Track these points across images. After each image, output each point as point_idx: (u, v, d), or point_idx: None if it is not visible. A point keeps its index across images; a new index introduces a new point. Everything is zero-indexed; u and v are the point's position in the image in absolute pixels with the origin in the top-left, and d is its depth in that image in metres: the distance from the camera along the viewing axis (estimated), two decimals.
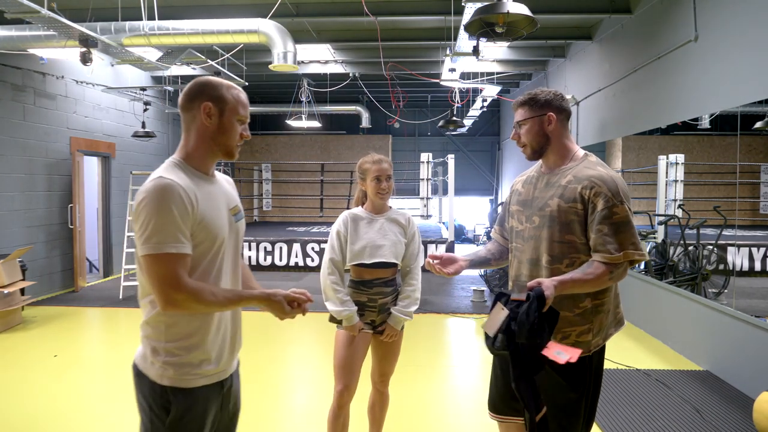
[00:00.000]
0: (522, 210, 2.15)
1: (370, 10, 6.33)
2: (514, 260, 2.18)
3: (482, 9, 4.10)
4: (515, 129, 2.13)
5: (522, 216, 2.14)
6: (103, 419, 3.74)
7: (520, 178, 2.28)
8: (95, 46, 5.59)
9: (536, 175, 2.17)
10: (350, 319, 2.65)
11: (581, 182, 1.97)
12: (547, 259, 2.01)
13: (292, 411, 4.10)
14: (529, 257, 2.08)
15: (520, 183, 2.25)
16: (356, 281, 2.74)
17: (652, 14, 5.99)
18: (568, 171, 2.04)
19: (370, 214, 2.75)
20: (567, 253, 1.99)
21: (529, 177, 2.22)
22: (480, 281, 8.29)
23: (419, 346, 5.50)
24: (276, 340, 5.78)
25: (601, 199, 1.92)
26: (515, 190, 2.25)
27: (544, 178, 2.12)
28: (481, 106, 11.49)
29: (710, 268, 5.44)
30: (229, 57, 7.88)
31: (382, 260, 2.69)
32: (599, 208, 1.92)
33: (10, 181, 7.20)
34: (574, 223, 1.97)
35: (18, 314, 6.13)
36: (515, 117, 2.13)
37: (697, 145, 6.38)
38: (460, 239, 15.54)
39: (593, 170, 1.99)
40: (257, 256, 9.84)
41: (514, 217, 2.19)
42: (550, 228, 2.00)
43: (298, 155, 15.74)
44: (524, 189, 2.19)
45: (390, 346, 2.83)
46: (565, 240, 1.98)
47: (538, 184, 2.12)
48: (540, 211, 2.05)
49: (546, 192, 2.06)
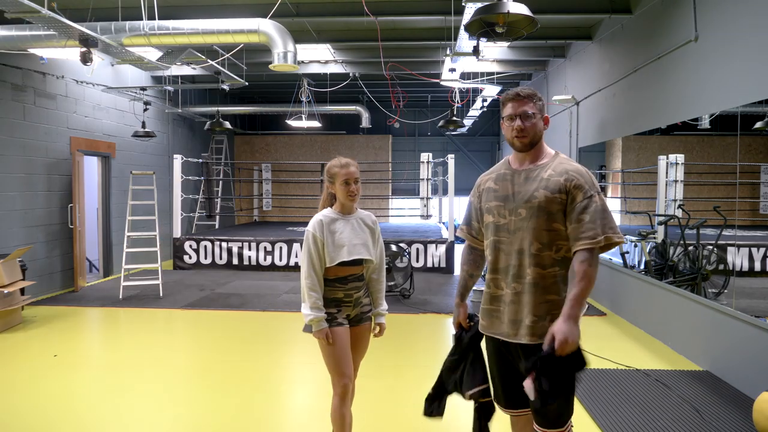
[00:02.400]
0: (503, 205, 2.24)
1: (370, 10, 6.33)
2: (499, 253, 2.25)
3: (482, 9, 4.10)
4: (518, 120, 2.19)
5: (504, 210, 2.24)
6: (103, 419, 3.74)
7: (488, 176, 2.38)
8: (95, 46, 5.60)
9: (509, 173, 2.29)
10: (319, 323, 2.72)
11: (562, 175, 2.15)
12: (536, 247, 2.15)
13: (292, 411, 4.10)
14: (518, 248, 2.18)
15: (491, 181, 2.34)
16: (332, 279, 2.80)
17: (652, 14, 5.99)
18: (546, 166, 2.21)
19: (341, 215, 2.84)
20: (554, 240, 2.15)
21: (501, 174, 2.31)
22: (479, 281, 8.29)
23: (419, 346, 5.50)
24: (276, 340, 5.78)
25: (580, 191, 2.11)
26: (488, 188, 2.33)
27: (522, 174, 2.24)
28: (481, 106, 11.49)
29: (710, 268, 5.43)
30: (229, 57, 7.88)
31: (359, 257, 2.80)
32: (578, 199, 2.11)
33: (10, 181, 7.20)
34: (559, 213, 2.13)
35: (18, 314, 6.13)
36: (520, 108, 2.20)
37: (697, 146, 6.37)
38: (459, 239, 15.52)
39: (570, 165, 2.19)
40: (257, 256, 9.84)
41: (492, 213, 2.28)
42: (538, 218, 2.14)
43: (298, 155, 15.74)
44: (499, 186, 2.29)
45: (365, 339, 2.97)
46: (552, 228, 2.14)
47: (516, 180, 2.24)
48: (527, 203, 2.17)
49: (529, 185, 2.19)
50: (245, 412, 3.85)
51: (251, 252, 9.85)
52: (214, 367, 4.83)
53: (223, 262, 9.90)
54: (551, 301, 2.14)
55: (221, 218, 13.33)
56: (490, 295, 2.29)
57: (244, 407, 3.93)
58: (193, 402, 4.07)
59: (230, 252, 9.88)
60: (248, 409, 3.92)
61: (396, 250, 7.74)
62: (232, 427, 3.62)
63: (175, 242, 9.97)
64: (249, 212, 15.34)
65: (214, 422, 3.69)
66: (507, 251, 2.22)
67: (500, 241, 2.24)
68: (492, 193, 2.30)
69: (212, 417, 3.77)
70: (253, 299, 7.40)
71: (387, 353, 4.98)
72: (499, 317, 2.24)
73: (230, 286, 8.29)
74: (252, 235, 10.25)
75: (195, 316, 6.64)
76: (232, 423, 3.67)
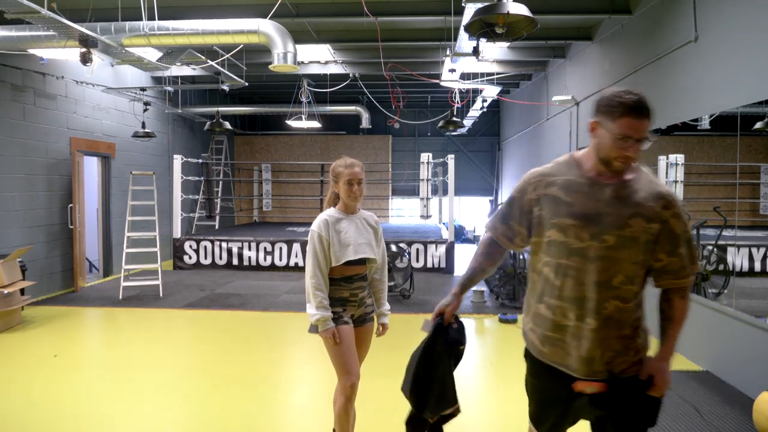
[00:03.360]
0: (581, 226, 1.86)
1: (370, 10, 6.33)
2: (568, 280, 1.90)
3: (482, 9, 4.10)
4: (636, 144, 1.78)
5: (582, 233, 1.86)
6: (103, 419, 3.74)
7: (549, 178, 1.96)
8: (95, 46, 5.59)
9: (585, 183, 1.89)
10: (325, 323, 2.71)
11: (657, 200, 1.85)
12: (620, 280, 1.86)
13: (292, 410, 4.10)
14: (597, 279, 1.86)
15: (556, 188, 1.93)
16: (338, 278, 2.80)
17: (652, 14, 5.99)
18: (635, 183, 1.87)
19: (345, 215, 2.85)
20: (638, 272, 1.88)
21: (572, 182, 1.91)
22: (480, 282, 8.29)
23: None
24: (276, 340, 5.78)
25: (678, 221, 1.85)
26: (553, 197, 1.92)
27: (606, 190, 1.86)
28: (481, 107, 11.49)
29: (710, 268, 5.43)
30: (229, 57, 7.88)
31: (364, 256, 2.81)
32: (678, 231, 1.85)
33: (10, 181, 7.20)
34: (649, 243, 1.86)
35: (18, 314, 6.13)
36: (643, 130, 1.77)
37: (697, 146, 6.37)
38: (460, 239, 15.53)
39: (659, 185, 1.89)
40: (257, 256, 9.84)
41: (563, 231, 1.89)
42: (629, 249, 1.84)
43: (298, 155, 15.75)
44: (573, 198, 1.89)
45: (368, 340, 2.98)
46: (638, 260, 1.87)
47: (598, 195, 1.86)
48: (618, 231, 1.83)
49: (620, 209, 1.84)
50: (245, 412, 3.85)
51: (251, 252, 9.85)
52: (214, 367, 4.82)
53: (223, 262, 9.90)
54: (626, 335, 1.90)
55: (221, 218, 13.33)
56: (553, 323, 1.95)
57: (244, 407, 3.93)
58: (192, 402, 4.06)
59: (230, 252, 9.88)
60: (248, 408, 3.92)
61: (396, 250, 7.74)
62: (232, 426, 3.62)
63: (175, 242, 9.97)
64: (249, 212, 15.34)
65: (214, 422, 3.68)
66: (581, 280, 1.88)
67: (572, 267, 1.89)
68: (564, 207, 1.89)
69: (212, 417, 3.77)
70: (253, 299, 7.40)
71: (387, 353, 4.97)
72: (565, 348, 1.94)
73: (230, 287, 8.28)
74: (252, 236, 10.25)
75: (195, 316, 6.64)
76: (232, 422, 3.67)
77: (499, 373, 4.78)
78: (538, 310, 1.99)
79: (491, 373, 4.76)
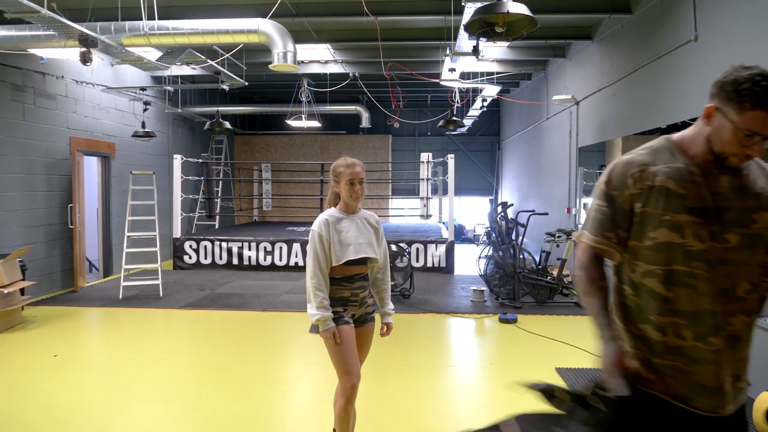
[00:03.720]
0: (702, 223, 1.54)
1: (370, 10, 6.33)
2: (683, 290, 1.57)
3: (482, 9, 4.10)
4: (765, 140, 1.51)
5: (702, 231, 1.54)
6: (103, 419, 3.74)
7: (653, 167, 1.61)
8: (95, 46, 5.60)
9: (696, 171, 1.58)
10: (326, 323, 2.70)
11: None
12: (746, 288, 1.57)
13: (292, 410, 4.10)
14: (719, 288, 1.55)
15: (664, 177, 1.59)
16: (338, 278, 2.80)
17: (652, 14, 5.99)
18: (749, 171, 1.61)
19: (346, 214, 2.85)
20: (762, 277, 1.60)
21: (682, 171, 1.59)
22: (480, 281, 8.29)
23: (419, 346, 5.50)
24: (276, 340, 5.78)
25: None
26: (665, 189, 1.58)
27: (722, 180, 1.58)
28: (481, 106, 11.49)
29: None
30: (229, 57, 7.88)
31: (365, 255, 2.80)
32: None
33: (10, 181, 7.20)
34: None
35: (18, 314, 6.13)
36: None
37: None
38: (460, 239, 15.53)
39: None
40: (257, 256, 9.84)
41: (678, 230, 1.56)
42: (755, 249, 1.57)
43: (298, 155, 15.75)
44: (687, 190, 1.57)
45: (368, 340, 2.96)
46: (764, 262, 1.59)
47: (713, 186, 1.57)
48: (742, 228, 1.55)
49: (741, 201, 1.57)
50: (245, 412, 3.85)
51: (251, 252, 9.85)
52: (214, 366, 4.83)
53: (223, 262, 9.90)
54: (747, 356, 1.63)
55: (221, 218, 13.33)
56: (664, 345, 1.60)
57: (244, 406, 3.93)
58: (193, 402, 4.06)
59: (230, 252, 9.88)
60: (248, 408, 3.92)
61: (396, 250, 7.74)
62: (232, 426, 3.62)
63: (175, 242, 9.97)
64: (249, 212, 15.34)
65: (214, 422, 3.68)
66: (699, 289, 1.55)
67: (689, 274, 1.56)
68: (678, 200, 1.56)
69: (212, 416, 3.77)
70: (253, 299, 7.40)
71: (387, 353, 4.98)
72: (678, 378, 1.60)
73: (230, 286, 8.28)
74: (252, 235, 10.25)
75: (195, 316, 6.64)
76: (232, 422, 3.67)
77: (499, 373, 4.78)
78: (653, 333, 1.62)
79: (491, 373, 4.76)
